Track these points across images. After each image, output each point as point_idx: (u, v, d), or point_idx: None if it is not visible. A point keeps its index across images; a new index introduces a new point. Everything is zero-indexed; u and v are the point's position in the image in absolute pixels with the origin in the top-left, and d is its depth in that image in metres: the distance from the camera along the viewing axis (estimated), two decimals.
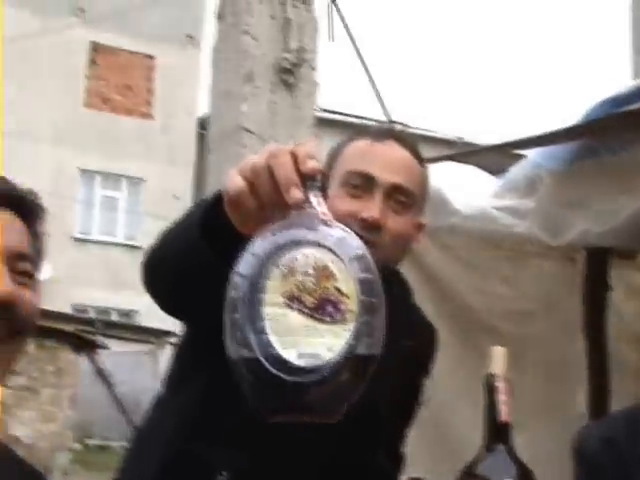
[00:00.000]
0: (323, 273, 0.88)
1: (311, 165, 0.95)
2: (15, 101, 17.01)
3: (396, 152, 1.56)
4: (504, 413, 1.16)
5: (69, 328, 10.82)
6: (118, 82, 18.81)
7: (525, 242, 2.53)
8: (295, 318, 0.87)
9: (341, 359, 0.87)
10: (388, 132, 1.61)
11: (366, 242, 1.48)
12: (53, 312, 10.94)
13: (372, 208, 1.47)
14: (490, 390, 1.18)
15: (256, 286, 0.88)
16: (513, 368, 1.20)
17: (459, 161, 2.74)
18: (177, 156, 18.55)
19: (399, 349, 1.59)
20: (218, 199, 1.11)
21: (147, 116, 18.86)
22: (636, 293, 2.66)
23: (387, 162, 1.53)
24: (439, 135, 18.56)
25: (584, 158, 2.13)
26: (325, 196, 0.96)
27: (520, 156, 2.56)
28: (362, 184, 1.50)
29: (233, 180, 1.00)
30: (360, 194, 1.50)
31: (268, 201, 0.97)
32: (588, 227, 2.15)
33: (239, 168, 1.01)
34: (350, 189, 1.50)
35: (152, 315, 15.43)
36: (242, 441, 1.44)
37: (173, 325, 15.20)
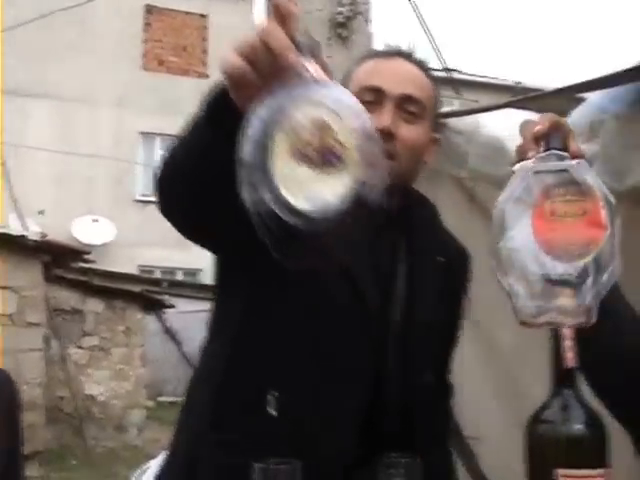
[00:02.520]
0: (322, 127, 0.97)
1: (292, 7, 1.04)
2: (75, 68, 17.21)
3: (403, 66, 1.62)
4: (570, 358, 1.16)
5: (136, 289, 11.00)
6: (173, 43, 18.84)
7: None
8: (302, 170, 0.96)
9: (346, 201, 0.95)
10: (395, 50, 1.66)
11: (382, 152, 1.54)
12: (120, 273, 11.17)
13: (383, 118, 1.53)
14: (555, 335, 1.18)
15: (264, 146, 0.96)
16: None
17: (519, 107, 2.70)
18: None
19: (433, 266, 1.63)
20: (218, 90, 1.17)
21: (203, 75, 18.89)
22: None
23: (395, 75, 1.59)
24: (497, 81, 18.25)
25: None
26: (317, 61, 1.03)
27: (581, 100, 2.51)
28: (373, 99, 1.56)
29: (231, 61, 1.07)
30: (373, 108, 1.55)
31: (268, 72, 1.03)
32: None
33: (235, 49, 1.07)
34: (362, 105, 1.54)
35: None
36: (289, 361, 1.49)
37: None
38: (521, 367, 2.61)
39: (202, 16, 18.94)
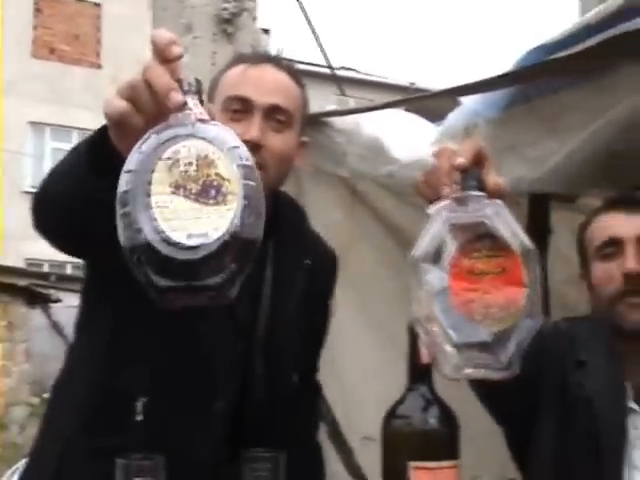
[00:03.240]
0: (204, 161, 0.96)
1: (175, 51, 1.02)
2: None
3: (271, 74, 1.62)
4: (425, 354, 1.20)
5: (22, 283, 10.70)
6: (65, 31, 18.38)
7: None
8: (182, 204, 0.95)
9: (227, 236, 0.94)
10: (263, 56, 1.67)
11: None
12: (3, 267, 10.85)
13: (251, 130, 1.54)
14: (412, 332, 1.22)
15: (144, 179, 0.95)
16: None
17: (398, 108, 2.76)
18: None
19: (299, 269, 1.66)
20: (101, 132, 1.13)
21: (96, 66, 18.51)
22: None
23: (262, 84, 1.60)
24: (391, 81, 18.53)
25: (516, 104, 2.16)
26: (201, 100, 1.03)
27: (458, 102, 2.58)
28: (241, 108, 1.57)
29: (113, 103, 1.04)
30: (240, 118, 1.57)
31: (152, 113, 1.02)
32: (522, 174, 2.18)
33: (117, 91, 1.05)
34: (231, 114, 1.58)
35: None
36: (158, 368, 1.49)
37: None
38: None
39: (96, 5, 18.56)
